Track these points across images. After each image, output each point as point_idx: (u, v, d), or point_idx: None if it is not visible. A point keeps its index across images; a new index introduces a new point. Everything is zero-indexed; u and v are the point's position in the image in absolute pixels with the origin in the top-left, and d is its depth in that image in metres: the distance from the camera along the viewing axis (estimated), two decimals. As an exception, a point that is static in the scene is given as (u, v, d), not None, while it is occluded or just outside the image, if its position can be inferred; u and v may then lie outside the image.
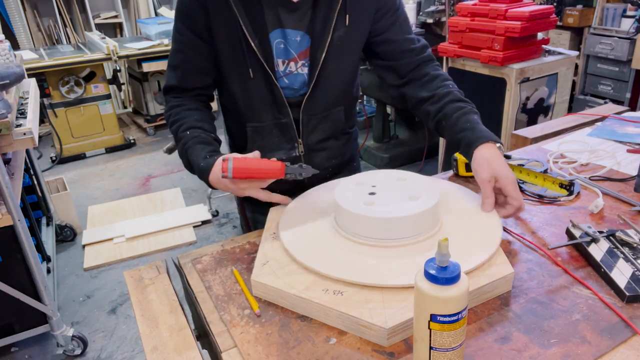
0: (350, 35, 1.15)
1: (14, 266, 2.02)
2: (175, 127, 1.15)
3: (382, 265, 0.90)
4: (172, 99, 1.19)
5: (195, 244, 3.09)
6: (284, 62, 1.16)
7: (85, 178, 4.15)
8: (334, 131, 1.27)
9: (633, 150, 1.42)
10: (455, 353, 0.68)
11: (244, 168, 0.99)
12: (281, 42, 1.14)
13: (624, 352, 0.75)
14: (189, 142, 1.11)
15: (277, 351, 0.79)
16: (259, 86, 1.16)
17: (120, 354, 2.28)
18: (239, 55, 1.12)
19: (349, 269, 0.89)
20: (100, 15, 5.40)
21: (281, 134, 1.22)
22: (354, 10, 1.13)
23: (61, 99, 4.24)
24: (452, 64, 3.01)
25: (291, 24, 1.12)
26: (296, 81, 1.18)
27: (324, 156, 1.28)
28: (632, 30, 3.79)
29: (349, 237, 0.97)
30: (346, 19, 1.12)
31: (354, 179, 1.07)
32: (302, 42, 1.14)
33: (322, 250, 0.95)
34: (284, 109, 1.18)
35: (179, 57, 1.16)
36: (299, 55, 1.16)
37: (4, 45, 2.31)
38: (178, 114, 1.16)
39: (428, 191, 0.99)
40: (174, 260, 1.07)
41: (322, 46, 1.12)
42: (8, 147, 1.85)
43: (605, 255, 0.94)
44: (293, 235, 1.00)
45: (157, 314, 0.90)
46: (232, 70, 1.16)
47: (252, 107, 1.19)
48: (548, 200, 1.19)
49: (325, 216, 1.05)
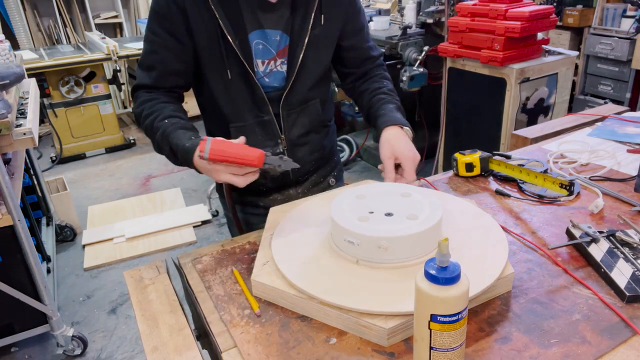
0: (326, 32, 1.21)
1: (14, 266, 2.02)
2: (151, 120, 1.13)
3: (379, 288, 0.84)
4: (143, 94, 1.17)
5: (195, 244, 3.09)
6: (263, 62, 1.19)
7: (85, 178, 4.15)
8: (312, 124, 1.30)
9: (633, 150, 1.42)
10: (455, 353, 0.68)
11: (222, 150, 0.97)
12: (260, 42, 1.16)
13: (624, 352, 0.75)
14: (169, 128, 1.09)
15: (277, 351, 0.79)
16: (239, 86, 1.18)
17: (120, 354, 2.28)
18: (218, 57, 1.14)
19: (344, 293, 0.84)
20: (100, 15, 5.40)
21: (264, 132, 1.24)
22: (328, 10, 1.19)
23: (61, 99, 4.24)
24: (452, 64, 3.01)
25: (270, 24, 1.15)
26: (276, 79, 1.22)
27: (306, 150, 1.31)
28: (632, 30, 3.79)
29: (345, 257, 0.91)
30: (321, 18, 1.18)
31: (355, 191, 1.02)
32: (280, 41, 1.18)
33: (314, 270, 0.90)
34: (265, 106, 1.21)
35: (154, 57, 1.15)
36: (278, 54, 1.19)
37: (4, 45, 2.31)
38: (152, 107, 1.14)
39: (430, 209, 0.93)
40: (174, 260, 1.07)
41: (300, 44, 1.17)
42: (8, 147, 1.85)
43: (605, 255, 0.94)
44: (286, 253, 0.95)
45: (157, 314, 0.90)
46: (213, 71, 1.17)
47: (233, 108, 1.21)
48: (548, 200, 1.19)
49: (321, 230, 1.01)
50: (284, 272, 0.90)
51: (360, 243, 0.88)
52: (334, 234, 0.95)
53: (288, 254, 0.95)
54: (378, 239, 0.87)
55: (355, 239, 0.88)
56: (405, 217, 0.92)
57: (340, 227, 0.90)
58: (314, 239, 1.00)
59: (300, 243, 0.99)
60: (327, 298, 0.83)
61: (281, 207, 1.17)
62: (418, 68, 3.29)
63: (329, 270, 0.90)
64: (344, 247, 0.92)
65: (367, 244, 0.88)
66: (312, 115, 1.29)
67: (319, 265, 0.92)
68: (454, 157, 1.33)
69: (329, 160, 1.43)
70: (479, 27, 2.78)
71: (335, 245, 0.95)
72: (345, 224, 0.90)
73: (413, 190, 1.02)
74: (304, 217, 1.09)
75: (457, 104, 3.09)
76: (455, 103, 3.10)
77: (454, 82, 3.04)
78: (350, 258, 0.91)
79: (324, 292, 0.84)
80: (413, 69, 3.28)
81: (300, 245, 0.98)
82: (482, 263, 0.89)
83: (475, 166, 1.31)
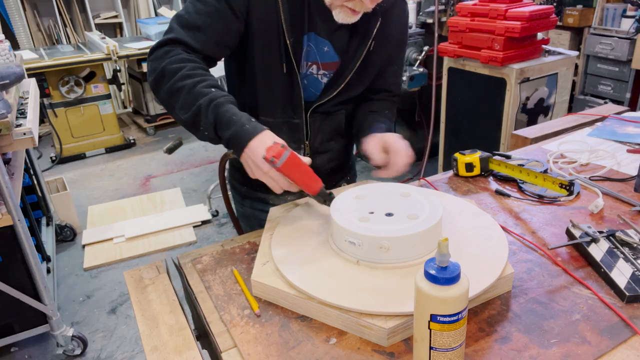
0: (373, 59, 1.20)
1: (14, 266, 2.02)
2: (192, 82, 1.01)
3: (380, 288, 0.84)
4: (182, 51, 1.05)
5: (195, 244, 3.09)
6: (307, 64, 1.19)
7: (85, 178, 4.15)
8: (335, 133, 1.29)
9: (633, 150, 1.42)
10: (455, 353, 0.68)
11: (294, 167, 0.95)
12: (310, 45, 1.16)
13: (624, 352, 0.75)
14: (221, 98, 0.99)
15: (277, 351, 0.79)
16: (283, 82, 1.16)
17: (120, 354, 2.28)
18: (273, 48, 1.12)
19: (345, 293, 0.84)
20: (100, 15, 5.40)
21: (290, 133, 1.23)
22: (381, 38, 1.18)
23: (61, 99, 4.24)
24: (452, 64, 3.01)
25: (323, 33, 1.15)
26: (313, 85, 1.21)
27: (326, 158, 1.31)
28: (632, 30, 3.79)
29: (346, 258, 0.91)
30: (371, 45, 1.17)
31: (355, 192, 1.01)
32: (327, 53, 1.17)
33: (315, 271, 0.89)
34: (299, 109, 1.20)
35: (205, 20, 1.06)
36: (323, 65, 1.19)
37: (4, 45, 2.31)
38: (195, 69, 1.03)
39: (430, 208, 0.93)
40: (174, 260, 1.07)
41: (351, 67, 1.17)
42: (8, 147, 1.85)
43: (605, 255, 0.94)
44: (286, 253, 0.95)
45: (157, 314, 0.90)
46: (263, 60, 1.14)
47: (270, 102, 1.20)
48: (548, 200, 1.19)
49: (320, 231, 1.01)
50: (284, 273, 0.90)
51: (361, 243, 0.88)
52: (334, 235, 0.95)
53: (288, 254, 0.95)
54: (379, 239, 0.86)
55: (357, 239, 0.88)
56: (406, 217, 0.92)
57: (341, 228, 0.90)
58: (314, 239, 1.00)
59: (300, 244, 0.99)
60: (327, 299, 0.83)
61: (281, 207, 1.17)
62: (418, 68, 3.29)
63: (329, 270, 0.90)
64: (345, 247, 0.91)
65: (369, 245, 0.87)
66: (336, 124, 1.28)
67: (319, 266, 0.91)
68: (454, 157, 1.33)
69: (342, 168, 1.42)
70: (479, 27, 2.78)
71: (335, 246, 0.94)
72: (345, 225, 0.90)
73: (412, 190, 1.02)
74: (304, 217, 1.09)
75: (457, 104, 3.09)
76: (455, 103, 3.10)
77: (454, 82, 3.04)
78: (350, 258, 0.91)
79: (324, 293, 0.84)
80: (413, 69, 3.28)
81: (300, 245, 0.98)
82: (482, 262, 0.89)
83: (475, 166, 1.31)
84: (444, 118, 3.21)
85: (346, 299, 0.82)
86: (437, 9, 3.21)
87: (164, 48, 1.06)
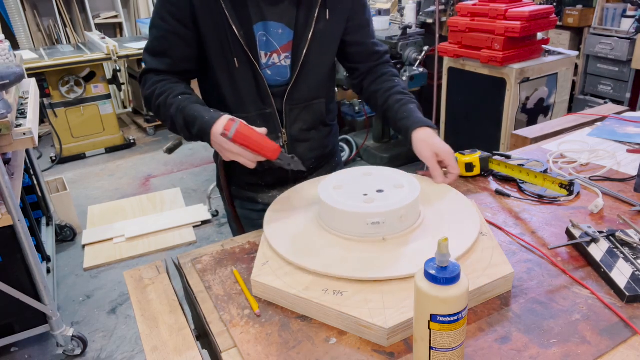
0: (331, 28, 1.22)
1: (14, 266, 2.02)
2: (164, 97, 1.15)
3: (375, 258, 0.91)
4: (154, 76, 1.19)
5: (195, 244, 3.09)
6: (266, 54, 1.20)
7: (85, 178, 4.15)
8: (315, 122, 1.31)
9: (633, 150, 1.42)
10: (455, 353, 0.68)
11: (246, 135, 1.02)
12: (264, 34, 1.18)
13: (624, 352, 0.75)
14: (184, 102, 1.12)
15: (277, 351, 0.79)
16: (244, 76, 1.19)
17: (120, 354, 2.28)
18: (225, 46, 1.15)
19: (343, 266, 0.90)
20: (100, 15, 5.40)
21: (265, 124, 1.24)
22: (333, 5, 1.20)
23: (61, 99, 4.24)
24: (452, 64, 3.01)
25: (273, 17, 1.17)
26: (279, 73, 1.23)
27: (307, 147, 1.32)
28: (632, 30, 3.79)
29: (337, 235, 0.98)
30: (326, 13, 1.19)
31: (328, 185, 1.06)
32: (283, 35, 1.19)
33: (310, 248, 0.96)
34: (268, 99, 1.22)
35: (163, 43, 1.17)
36: (281, 48, 1.21)
37: (4, 45, 2.31)
38: (164, 86, 1.16)
39: (409, 184, 1.03)
40: (174, 260, 1.07)
41: (304, 39, 1.18)
42: (8, 147, 1.85)
43: (605, 255, 0.94)
44: (281, 235, 1.00)
45: (157, 314, 0.90)
46: (219, 59, 1.18)
47: (237, 98, 1.22)
48: (548, 200, 1.19)
49: (309, 214, 1.07)
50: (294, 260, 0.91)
51: (384, 220, 0.94)
52: (352, 225, 0.97)
53: (283, 235, 0.98)
54: (399, 210, 0.95)
55: (380, 218, 0.94)
56: (394, 188, 1.02)
57: (361, 214, 0.95)
58: (305, 222, 1.04)
59: (294, 228, 1.03)
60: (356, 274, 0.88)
61: (273, 206, 1.17)
62: (418, 68, 3.29)
63: (359, 255, 0.93)
64: (369, 230, 0.95)
65: (391, 218, 0.95)
66: (316, 113, 1.30)
67: (312, 242, 0.97)
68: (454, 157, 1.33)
69: (330, 161, 1.44)
70: (479, 27, 2.78)
71: (355, 235, 0.97)
72: (364, 210, 0.95)
73: (371, 169, 1.11)
74: (293, 206, 1.12)
75: (457, 104, 3.09)
76: (455, 103, 3.10)
77: (454, 82, 3.04)
78: (377, 238, 0.96)
79: (321, 266, 0.90)
80: (413, 68, 3.28)
81: (294, 229, 1.02)
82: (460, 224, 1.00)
83: (475, 166, 1.31)
84: (444, 118, 3.21)
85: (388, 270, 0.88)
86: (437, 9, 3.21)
87: (142, 79, 1.22)
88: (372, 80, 1.35)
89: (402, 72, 3.31)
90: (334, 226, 0.99)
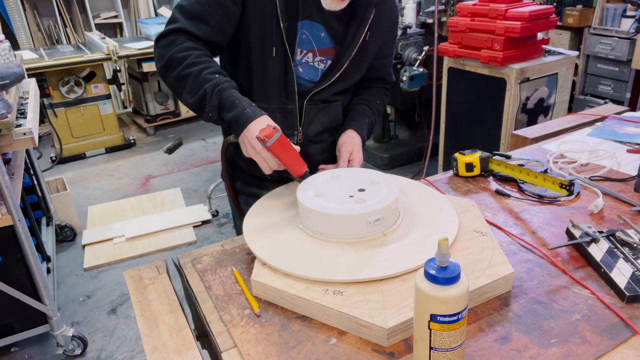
0: (369, 48, 1.26)
1: (14, 266, 2.02)
2: (198, 69, 1.09)
3: (364, 259, 0.92)
4: (187, 40, 1.12)
5: (195, 244, 3.08)
6: (302, 52, 1.22)
7: (85, 178, 4.15)
8: (330, 125, 1.33)
9: (633, 150, 1.42)
10: (455, 353, 0.68)
11: (283, 148, 1.05)
12: (305, 32, 1.20)
13: (624, 352, 0.75)
14: (225, 83, 1.09)
15: (277, 351, 0.79)
16: (276, 67, 1.19)
17: (120, 354, 2.28)
18: (267, 34, 1.16)
19: (331, 269, 0.90)
20: (100, 15, 5.40)
21: (284, 120, 1.26)
22: (374, 29, 1.24)
23: (61, 99, 4.24)
24: (452, 64, 3.01)
25: (319, 20, 1.19)
26: (309, 73, 1.25)
27: (319, 149, 1.34)
28: (632, 30, 3.79)
29: (319, 237, 0.99)
30: (367, 34, 1.23)
31: (308, 191, 1.05)
32: (324, 39, 1.22)
33: (289, 251, 0.96)
34: (293, 95, 1.23)
35: (206, 10, 1.12)
36: (319, 51, 1.23)
37: (4, 45, 2.31)
38: (200, 57, 1.11)
39: (381, 178, 1.07)
40: (174, 260, 1.07)
41: (348, 53, 1.22)
42: (8, 147, 1.85)
43: (605, 255, 0.94)
44: (272, 251, 0.98)
45: (157, 314, 0.90)
46: (257, 44, 1.18)
47: (264, 88, 1.23)
48: (548, 200, 1.19)
49: (288, 217, 1.08)
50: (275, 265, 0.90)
51: (384, 215, 0.97)
52: (352, 227, 0.97)
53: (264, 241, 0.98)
54: (392, 203, 0.98)
55: (380, 214, 0.96)
56: (370, 184, 1.05)
57: (360, 215, 0.95)
58: (284, 225, 1.05)
59: (274, 231, 1.04)
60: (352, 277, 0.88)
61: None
62: (418, 68, 3.29)
63: (361, 254, 0.94)
64: (370, 229, 0.97)
65: (389, 213, 0.98)
66: (332, 115, 1.32)
67: (292, 245, 0.97)
68: (454, 157, 1.33)
69: (334, 162, 1.44)
70: (479, 27, 2.78)
71: (352, 237, 0.97)
72: (362, 211, 0.96)
73: (337, 171, 1.15)
74: (273, 208, 1.13)
75: (457, 104, 3.09)
76: (455, 103, 3.10)
77: (454, 82, 3.04)
78: (377, 235, 0.98)
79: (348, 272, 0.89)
80: (413, 68, 3.28)
81: (274, 233, 1.03)
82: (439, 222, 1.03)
83: (475, 166, 1.31)
84: (444, 118, 3.21)
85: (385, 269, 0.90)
86: (437, 9, 3.21)
87: (169, 37, 1.13)
88: (361, 88, 1.42)
89: (402, 72, 3.30)
90: (330, 232, 0.98)
